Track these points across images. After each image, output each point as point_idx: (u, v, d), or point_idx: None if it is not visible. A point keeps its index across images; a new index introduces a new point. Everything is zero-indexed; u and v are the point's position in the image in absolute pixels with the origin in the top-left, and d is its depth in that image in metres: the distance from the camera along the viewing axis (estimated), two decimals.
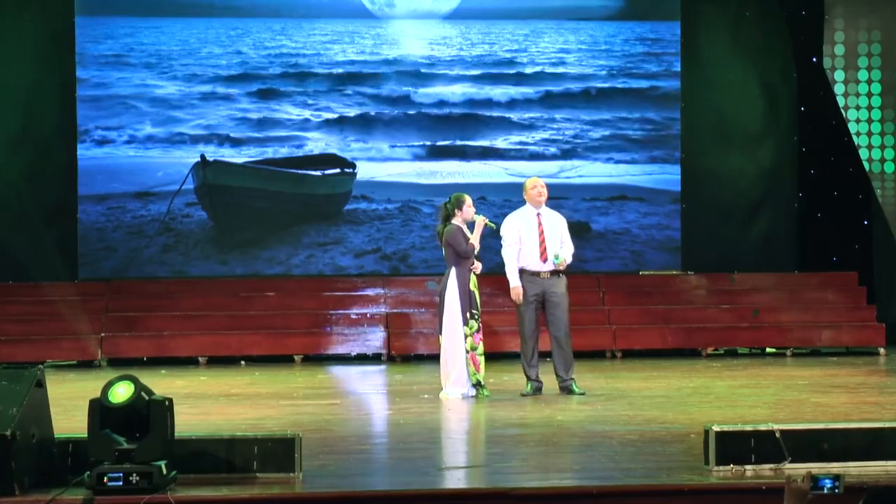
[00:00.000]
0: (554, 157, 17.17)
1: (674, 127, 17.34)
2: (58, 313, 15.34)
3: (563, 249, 11.37)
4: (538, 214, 11.43)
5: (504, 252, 11.41)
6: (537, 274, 11.30)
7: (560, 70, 17.36)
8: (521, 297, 11.28)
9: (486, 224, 11.28)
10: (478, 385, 11.23)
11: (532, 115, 17.22)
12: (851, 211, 17.00)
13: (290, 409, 10.73)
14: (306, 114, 16.95)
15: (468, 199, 11.39)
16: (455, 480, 7.48)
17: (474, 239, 11.22)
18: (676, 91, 17.36)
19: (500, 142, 17.16)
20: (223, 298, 16.02)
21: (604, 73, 17.38)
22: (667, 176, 17.29)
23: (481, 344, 11.24)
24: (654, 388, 12.06)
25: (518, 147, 17.17)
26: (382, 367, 15.01)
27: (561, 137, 17.22)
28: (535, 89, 17.29)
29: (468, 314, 11.20)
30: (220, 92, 16.86)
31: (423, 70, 17.19)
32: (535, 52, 17.40)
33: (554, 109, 17.23)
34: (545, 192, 11.51)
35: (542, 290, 11.29)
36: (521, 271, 11.31)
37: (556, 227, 11.45)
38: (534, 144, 17.19)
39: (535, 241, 11.33)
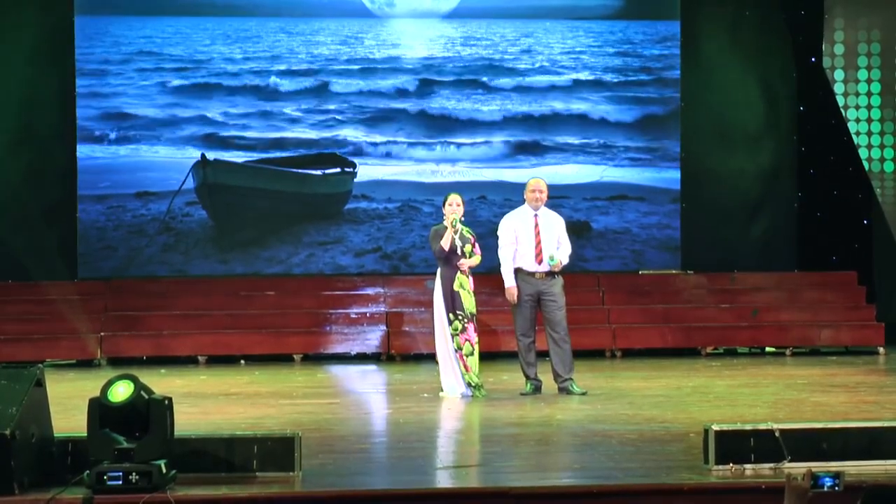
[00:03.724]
0: (553, 156, 17.16)
1: (674, 127, 17.34)
2: (57, 313, 15.35)
3: (559, 251, 11.36)
4: (535, 216, 11.43)
5: (500, 252, 11.41)
6: (532, 274, 11.30)
7: (558, 69, 17.36)
8: (514, 298, 11.29)
9: (452, 226, 11.19)
10: (470, 385, 11.21)
11: (531, 114, 17.21)
12: (851, 210, 17.00)
13: (290, 408, 10.73)
14: (306, 113, 16.95)
15: (450, 199, 11.33)
16: (454, 480, 7.48)
17: (444, 241, 11.19)
18: (676, 91, 17.36)
19: (499, 141, 17.15)
20: (223, 298, 16.02)
21: (603, 72, 17.37)
22: (667, 175, 17.29)
23: (468, 344, 11.20)
24: (653, 387, 12.07)
25: (517, 146, 17.16)
26: (382, 366, 15.01)
27: (560, 136, 17.21)
28: (533, 88, 17.28)
29: (451, 315, 11.20)
30: (220, 91, 16.86)
31: (422, 69, 17.18)
32: (533, 50, 17.40)
33: (552, 108, 17.22)
34: (544, 196, 11.50)
35: (537, 290, 11.29)
36: (517, 271, 11.31)
37: (554, 229, 11.45)
38: (533, 143, 17.19)
39: (532, 243, 11.33)
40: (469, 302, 11.27)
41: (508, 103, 17.23)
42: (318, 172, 16.98)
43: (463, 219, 11.40)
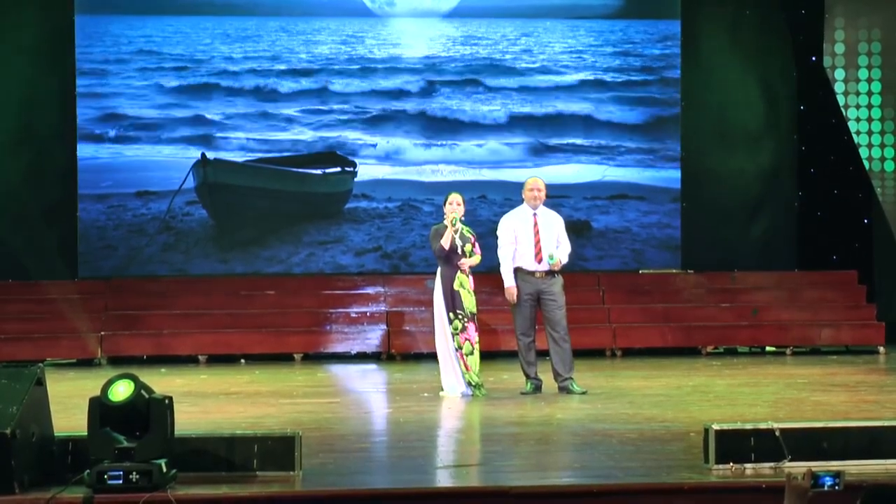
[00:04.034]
0: (554, 156, 17.16)
1: (674, 126, 17.34)
2: (58, 312, 15.35)
3: (559, 250, 11.37)
4: (534, 214, 11.43)
5: (499, 251, 11.41)
6: (532, 273, 11.30)
7: (559, 68, 17.36)
8: (514, 297, 11.28)
9: (452, 225, 11.19)
10: (470, 384, 11.21)
11: (531, 113, 17.20)
12: (851, 210, 17.00)
13: (290, 407, 10.73)
14: (307, 112, 16.95)
15: (451, 198, 11.35)
16: (454, 479, 7.48)
17: (444, 240, 11.19)
18: (676, 90, 17.36)
19: (500, 140, 17.15)
20: (223, 297, 16.02)
21: (603, 71, 17.37)
22: (667, 175, 17.29)
23: (468, 343, 11.20)
24: (653, 386, 12.07)
25: (518, 145, 17.16)
26: (382, 365, 15.01)
27: (561, 135, 17.21)
28: (533, 87, 17.28)
29: (451, 314, 11.20)
30: (220, 90, 16.86)
31: (423, 68, 17.18)
32: (534, 50, 17.40)
33: (553, 108, 17.23)
34: (542, 193, 11.51)
35: (537, 289, 11.29)
36: (517, 270, 11.31)
37: (553, 227, 11.45)
38: (534, 143, 17.18)
39: (531, 242, 11.33)
40: (469, 301, 11.27)
41: (509, 103, 17.23)
42: (319, 172, 16.98)
43: (463, 218, 11.40)
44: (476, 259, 11.35)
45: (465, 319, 11.22)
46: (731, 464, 7.10)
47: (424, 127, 17.10)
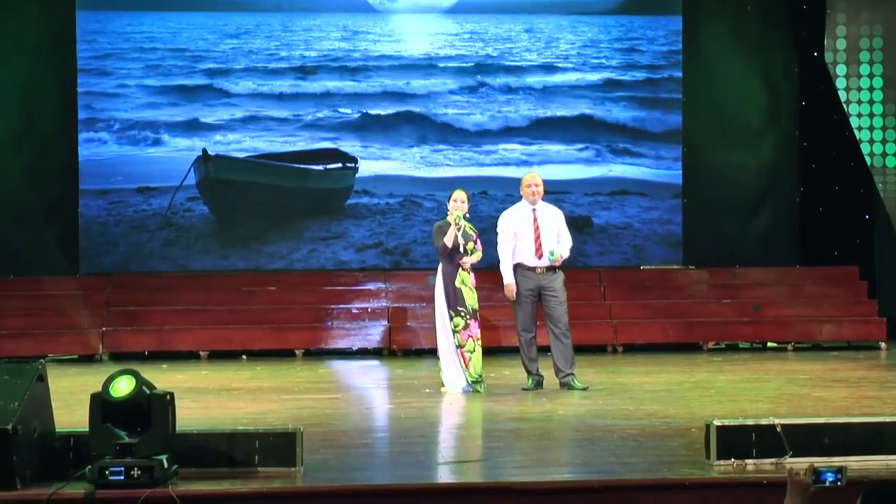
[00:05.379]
0: (555, 152, 17.16)
1: (675, 121, 17.33)
2: (59, 308, 15.36)
3: (559, 244, 11.36)
4: (533, 210, 11.44)
5: (498, 248, 11.41)
6: (533, 269, 11.30)
7: (560, 64, 17.35)
8: (513, 294, 11.28)
9: (455, 223, 11.19)
10: (469, 382, 11.21)
11: (532, 109, 17.20)
12: (852, 205, 16.99)
13: (291, 403, 10.73)
14: (308, 108, 16.94)
15: (455, 195, 11.35)
16: (456, 475, 7.49)
17: (447, 238, 11.19)
18: (678, 86, 17.35)
19: (501, 136, 17.14)
20: (224, 293, 16.02)
21: (605, 67, 17.37)
22: (668, 170, 17.29)
23: (470, 341, 11.20)
24: (655, 382, 12.07)
25: (518, 142, 17.16)
26: (383, 361, 15.01)
27: (562, 131, 17.21)
28: (534, 84, 17.28)
29: (451, 311, 11.20)
30: (222, 86, 16.86)
31: (424, 64, 17.18)
32: (535, 46, 17.39)
33: (554, 104, 17.22)
34: (540, 189, 11.51)
35: (538, 285, 11.29)
36: (517, 266, 11.31)
37: (553, 223, 11.45)
38: (535, 139, 17.18)
39: (531, 238, 11.33)
40: (471, 298, 11.27)
41: (510, 98, 17.22)
42: (320, 167, 16.98)
43: (467, 215, 11.40)
44: (477, 256, 11.36)
45: (468, 317, 11.22)
46: (733, 459, 7.10)
47: (425, 123, 17.09)
